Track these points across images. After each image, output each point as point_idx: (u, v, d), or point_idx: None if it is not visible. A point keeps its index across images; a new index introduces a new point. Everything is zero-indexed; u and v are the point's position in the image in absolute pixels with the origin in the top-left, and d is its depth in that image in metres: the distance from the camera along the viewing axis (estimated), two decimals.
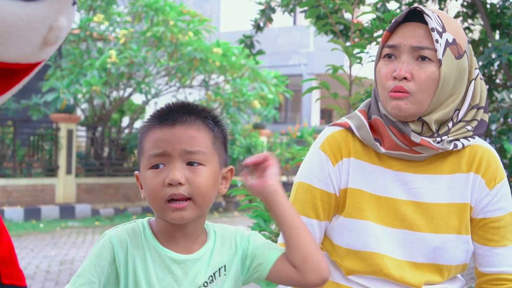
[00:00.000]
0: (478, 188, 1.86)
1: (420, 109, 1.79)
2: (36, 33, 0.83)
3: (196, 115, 1.54)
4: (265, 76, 14.90)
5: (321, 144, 1.92)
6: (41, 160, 13.43)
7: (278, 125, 24.32)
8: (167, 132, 1.50)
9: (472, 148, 1.88)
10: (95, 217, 12.68)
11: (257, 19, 6.71)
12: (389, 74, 1.81)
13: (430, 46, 1.77)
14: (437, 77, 1.77)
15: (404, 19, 1.83)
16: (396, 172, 1.87)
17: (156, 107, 12.90)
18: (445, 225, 1.84)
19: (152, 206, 1.53)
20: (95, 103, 14.34)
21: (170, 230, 1.55)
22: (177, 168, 1.49)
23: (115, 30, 13.64)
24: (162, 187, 1.48)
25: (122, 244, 1.53)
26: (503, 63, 5.57)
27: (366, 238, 1.85)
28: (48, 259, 8.24)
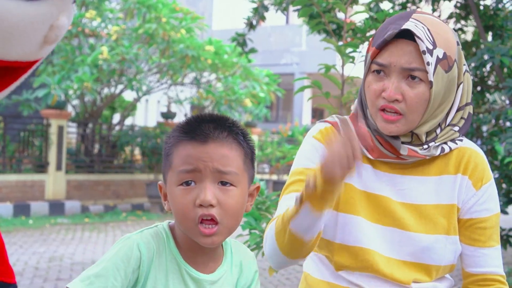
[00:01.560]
0: (465, 188, 1.87)
1: (411, 127, 1.81)
2: (38, 32, 0.84)
3: (228, 132, 1.49)
4: (257, 74, 14.88)
5: (315, 134, 1.93)
6: (31, 156, 13.38)
7: (269, 124, 24.32)
8: (199, 148, 1.46)
9: (460, 150, 1.89)
10: (84, 214, 12.63)
11: (250, 17, 6.70)
12: (378, 92, 1.80)
13: (421, 67, 1.76)
14: (427, 97, 1.77)
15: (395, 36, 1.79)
16: (384, 173, 1.88)
17: (147, 104, 12.81)
18: (433, 225, 1.85)
19: (182, 225, 1.48)
20: (86, 99, 14.29)
21: (191, 244, 1.51)
22: (209, 188, 1.44)
23: (107, 27, 13.59)
24: (193, 207, 1.44)
25: (149, 252, 1.48)
26: (495, 64, 5.57)
27: (358, 233, 1.85)
28: (37, 256, 8.20)
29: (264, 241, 1.87)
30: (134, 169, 14.94)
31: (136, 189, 14.59)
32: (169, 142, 1.51)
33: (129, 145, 14.99)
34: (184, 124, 1.52)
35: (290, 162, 3.83)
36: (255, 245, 3.09)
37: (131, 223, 11.76)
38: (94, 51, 12.74)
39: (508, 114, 5.17)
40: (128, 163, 15.06)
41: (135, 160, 15.25)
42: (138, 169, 15.04)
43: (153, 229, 1.54)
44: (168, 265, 1.49)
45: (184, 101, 15.62)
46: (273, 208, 3.11)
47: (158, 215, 13.08)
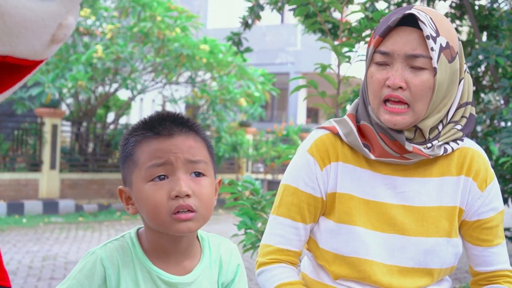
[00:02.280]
0: (470, 191, 1.86)
1: (417, 119, 1.77)
2: (47, 30, 0.86)
3: (189, 126, 1.50)
4: (252, 74, 14.87)
5: (309, 147, 1.90)
6: (25, 154, 13.35)
7: (264, 123, 24.32)
8: (167, 142, 1.46)
9: (462, 151, 1.87)
10: (78, 213, 12.61)
11: (245, 16, 6.70)
12: (382, 82, 1.77)
13: (425, 54, 1.74)
14: (432, 85, 1.74)
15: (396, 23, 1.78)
16: (385, 176, 1.86)
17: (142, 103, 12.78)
18: (435, 228, 1.83)
19: (154, 221, 1.45)
20: (80, 98, 14.27)
21: (162, 245, 1.50)
22: (183, 179, 1.44)
23: (102, 25, 13.56)
24: (167, 200, 1.43)
25: (114, 266, 1.47)
26: (490, 64, 5.57)
27: (354, 244, 1.83)
28: (31, 255, 8.18)
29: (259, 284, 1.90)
30: None
31: None
32: (130, 142, 1.50)
33: None
34: (144, 123, 1.51)
35: (285, 161, 3.82)
36: (250, 244, 3.07)
37: (125, 222, 11.75)
38: (88, 50, 12.71)
39: (503, 114, 5.17)
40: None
41: None
42: None
43: (118, 240, 1.52)
44: (138, 274, 1.48)
45: (179, 100, 15.60)
46: (268, 208, 3.10)
47: None
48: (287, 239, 1.90)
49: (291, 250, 1.91)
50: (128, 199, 1.50)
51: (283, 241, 1.90)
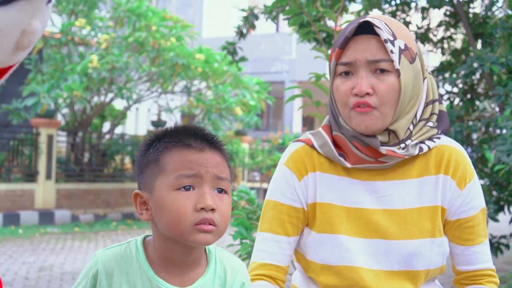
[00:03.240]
0: (449, 189, 1.85)
1: (385, 122, 1.78)
2: (8, 39, 0.81)
3: (217, 144, 1.54)
4: (247, 82, 14.89)
5: (286, 161, 1.92)
6: (21, 165, 13.32)
7: (260, 132, 24.34)
8: (198, 155, 1.49)
9: (439, 149, 1.87)
10: (74, 223, 12.58)
11: (240, 26, 6.71)
12: (348, 92, 1.78)
13: (386, 57, 1.76)
14: (397, 87, 1.76)
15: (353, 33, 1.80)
16: (364, 182, 1.86)
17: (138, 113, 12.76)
18: (418, 230, 1.83)
19: (173, 229, 1.46)
20: (75, 108, 14.26)
21: (170, 254, 1.50)
22: (209, 193, 1.47)
23: (97, 35, 13.57)
24: (192, 211, 1.45)
25: (107, 271, 1.49)
26: (485, 72, 5.59)
27: (339, 253, 1.82)
28: (27, 265, 8.16)
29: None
30: (124, 178, 14.90)
31: (127, 198, 14.54)
32: (156, 148, 1.51)
33: (119, 153, 14.96)
34: (173, 132, 1.53)
35: None
36: (246, 254, 3.07)
37: (122, 232, 11.72)
38: (83, 60, 12.71)
39: (498, 121, 5.18)
40: (118, 172, 15.02)
41: (125, 169, 15.21)
42: (128, 177, 15.00)
43: (122, 246, 1.54)
44: (138, 282, 1.48)
45: (175, 110, 15.60)
46: None
47: (148, 224, 13.02)
48: (270, 254, 1.90)
49: (274, 265, 1.90)
50: (143, 204, 1.51)
51: (266, 256, 1.90)
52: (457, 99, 6.57)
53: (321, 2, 4.75)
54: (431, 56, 8.64)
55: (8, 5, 0.79)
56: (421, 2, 6.89)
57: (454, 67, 6.82)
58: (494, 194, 6.24)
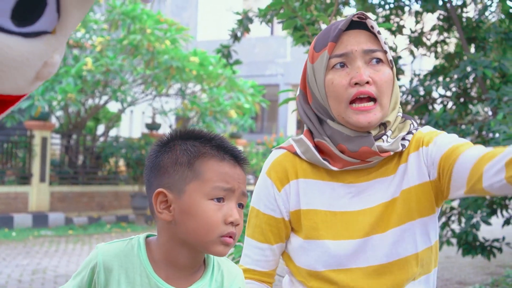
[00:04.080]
0: (424, 155, 1.80)
1: (385, 113, 1.79)
2: (32, 68, 0.86)
3: (246, 161, 1.57)
4: (241, 85, 14.90)
5: (267, 170, 1.91)
6: (15, 167, 13.30)
7: (254, 135, 24.35)
8: (233, 169, 1.52)
9: (413, 136, 1.85)
10: (68, 226, 12.57)
11: (234, 29, 6.71)
12: (345, 83, 1.76)
13: (380, 48, 1.79)
14: (392, 79, 1.79)
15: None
16: (349, 185, 1.85)
17: (132, 115, 12.75)
18: (397, 217, 1.81)
19: (200, 237, 1.47)
20: (70, 110, 14.25)
21: (174, 257, 1.51)
22: (236, 208, 1.50)
23: (92, 38, 13.57)
24: (221, 224, 1.47)
25: (106, 265, 1.50)
26: (478, 76, 5.61)
27: (326, 258, 1.82)
28: (20, 268, 8.15)
29: None
30: (119, 181, 14.89)
31: (121, 200, 14.53)
32: (187, 151, 1.51)
33: (114, 156, 14.95)
34: (211, 140, 1.54)
35: None
36: (239, 257, 3.08)
37: (116, 235, 11.71)
38: (78, 62, 12.71)
39: (491, 125, 5.20)
40: (112, 175, 15.01)
41: (119, 172, 15.20)
42: (122, 180, 15.00)
43: (124, 241, 1.55)
44: (136, 278, 1.49)
45: (169, 112, 15.61)
46: None
47: (143, 227, 13.03)
48: (253, 260, 1.93)
49: (258, 271, 1.92)
50: (163, 203, 1.50)
51: (250, 262, 1.93)
52: (451, 103, 6.59)
53: (314, 6, 4.76)
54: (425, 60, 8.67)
55: (36, 38, 0.84)
56: (414, 6, 6.91)
57: (448, 71, 6.84)
58: (487, 198, 6.26)
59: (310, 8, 4.26)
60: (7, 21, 0.80)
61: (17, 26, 0.82)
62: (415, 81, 6.86)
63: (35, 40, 0.84)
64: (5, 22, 0.80)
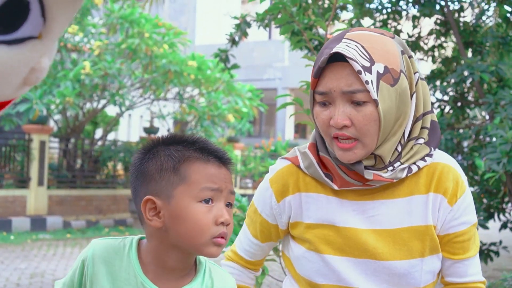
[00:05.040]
0: (440, 207, 1.79)
1: (369, 150, 1.71)
2: (18, 76, 0.84)
3: (230, 160, 1.57)
4: (239, 89, 14.92)
5: (271, 178, 1.91)
6: (13, 171, 13.30)
7: (252, 139, 24.35)
8: (219, 170, 1.52)
9: (430, 167, 1.80)
10: (66, 230, 12.56)
11: (232, 33, 6.73)
12: (327, 121, 1.72)
13: (362, 88, 1.66)
14: (377, 117, 1.67)
15: (328, 60, 1.70)
16: (353, 202, 1.81)
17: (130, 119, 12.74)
18: (407, 250, 1.79)
19: (192, 239, 1.47)
20: (68, 114, 14.25)
21: (165, 260, 1.51)
22: (225, 207, 1.51)
23: (90, 42, 13.58)
24: (212, 225, 1.47)
25: (95, 258, 1.52)
26: (475, 80, 5.63)
27: (326, 272, 1.81)
28: (19, 272, 8.15)
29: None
30: (117, 184, 14.89)
31: (119, 204, 14.53)
32: (172, 156, 1.51)
33: (112, 160, 14.95)
34: (194, 143, 1.54)
35: None
36: None
37: None
38: (76, 66, 12.72)
39: (488, 129, 5.22)
40: (110, 178, 15.01)
41: (117, 175, 15.20)
42: (120, 184, 15.00)
43: (118, 239, 1.56)
44: (122, 275, 1.50)
45: (167, 116, 15.62)
46: None
47: (140, 230, 13.01)
48: (243, 248, 2.00)
49: (244, 258, 2.00)
50: (152, 210, 1.50)
51: (240, 248, 2.00)
52: (448, 107, 6.61)
53: (312, 11, 4.78)
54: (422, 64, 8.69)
55: (20, 44, 0.81)
56: (412, 10, 6.93)
57: (445, 75, 6.86)
58: (484, 202, 6.27)
59: (307, 13, 4.28)
60: None
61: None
62: None
63: (20, 47, 0.81)
64: None
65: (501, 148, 4.67)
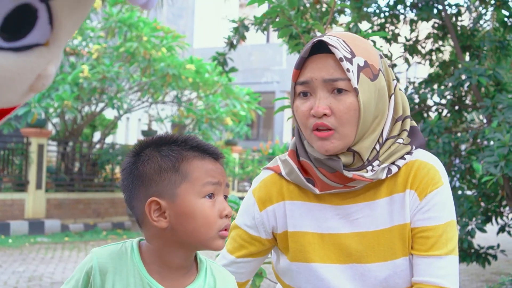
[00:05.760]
0: (411, 202, 1.77)
1: (347, 142, 1.72)
2: (24, 82, 0.84)
3: (221, 154, 1.61)
4: (237, 93, 14.93)
5: (254, 188, 1.91)
6: (11, 174, 13.30)
7: (250, 142, 24.35)
8: (216, 165, 1.56)
9: (408, 165, 1.79)
10: (64, 233, 12.56)
11: (230, 36, 6.74)
12: (307, 112, 1.73)
13: (343, 77, 1.69)
14: (357, 107, 1.69)
15: (310, 52, 1.74)
16: (336, 207, 1.81)
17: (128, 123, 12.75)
18: (390, 251, 1.77)
19: (200, 235, 1.50)
20: (66, 117, 14.26)
21: (168, 259, 1.53)
22: (225, 201, 1.55)
23: (88, 45, 13.59)
24: (217, 218, 1.51)
25: (101, 268, 1.51)
26: (473, 84, 5.65)
27: (314, 281, 1.81)
28: (17, 275, 8.14)
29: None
30: (115, 188, 14.89)
31: (117, 207, 14.52)
32: (172, 156, 1.52)
33: (110, 163, 14.95)
34: (186, 141, 1.56)
35: None
36: None
37: (112, 242, 11.67)
38: (74, 70, 12.72)
39: (485, 133, 5.23)
40: (108, 182, 15.01)
41: (115, 179, 15.19)
42: (118, 187, 14.93)
43: (118, 245, 1.56)
44: (130, 280, 1.50)
45: (165, 119, 15.62)
46: None
47: (139, 233, 13.02)
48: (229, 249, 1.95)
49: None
50: (157, 211, 1.51)
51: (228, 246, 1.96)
52: (445, 111, 6.63)
53: (310, 14, 4.80)
54: (420, 68, 8.71)
55: (28, 51, 0.82)
56: (410, 14, 6.95)
57: (442, 79, 6.88)
58: (482, 205, 6.28)
59: (305, 16, 4.30)
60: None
61: (6, 41, 0.79)
62: (410, 89, 6.90)
63: (27, 54, 0.82)
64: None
65: (498, 152, 4.68)
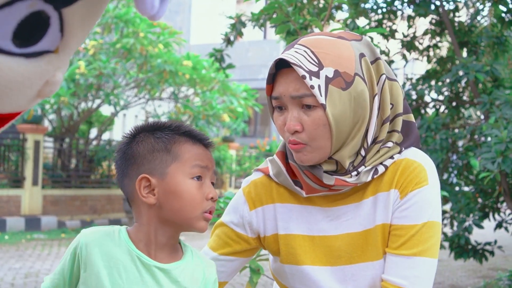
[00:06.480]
0: (394, 201, 1.75)
1: (323, 153, 1.69)
2: (33, 88, 0.86)
3: (212, 144, 1.70)
4: (234, 89, 14.92)
5: (245, 187, 1.91)
6: (7, 171, 13.28)
7: (247, 139, 24.36)
8: (205, 151, 1.66)
9: (396, 164, 1.76)
10: (61, 229, 12.55)
11: (227, 33, 6.72)
12: (282, 126, 1.72)
13: (309, 93, 1.64)
14: (326, 121, 1.65)
15: (280, 65, 1.70)
16: (326, 209, 1.80)
17: (125, 119, 12.75)
18: (377, 250, 1.76)
19: (184, 213, 1.59)
20: (63, 114, 14.23)
21: (153, 236, 1.60)
22: (211, 185, 1.64)
23: (85, 41, 13.56)
24: (202, 200, 1.59)
25: (87, 243, 1.58)
26: (470, 80, 5.65)
27: (308, 282, 1.80)
28: (13, 272, 8.13)
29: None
30: (111, 184, 14.88)
31: (113, 204, 14.51)
32: (165, 138, 1.62)
33: (106, 160, 14.94)
34: (179, 127, 1.66)
35: None
36: None
37: None
38: (71, 66, 12.70)
39: (483, 129, 5.23)
40: (105, 178, 15.00)
41: (112, 175, 15.18)
42: (115, 184, 14.96)
43: (107, 227, 1.64)
44: (117, 253, 1.56)
45: (162, 116, 15.60)
46: None
47: None
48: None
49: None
50: (147, 188, 1.59)
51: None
52: (443, 107, 6.63)
53: (308, 11, 4.78)
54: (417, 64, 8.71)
55: (38, 57, 0.84)
56: (407, 10, 6.94)
57: (440, 75, 6.88)
58: (479, 201, 6.29)
59: (303, 12, 4.28)
60: (8, 43, 0.80)
61: (18, 47, 0.81)
62: (407, 85, 6.90)
63: (37, 60, 0.84)
64: (6, 44, 0.80)
65: (496, 148, 4.69)
